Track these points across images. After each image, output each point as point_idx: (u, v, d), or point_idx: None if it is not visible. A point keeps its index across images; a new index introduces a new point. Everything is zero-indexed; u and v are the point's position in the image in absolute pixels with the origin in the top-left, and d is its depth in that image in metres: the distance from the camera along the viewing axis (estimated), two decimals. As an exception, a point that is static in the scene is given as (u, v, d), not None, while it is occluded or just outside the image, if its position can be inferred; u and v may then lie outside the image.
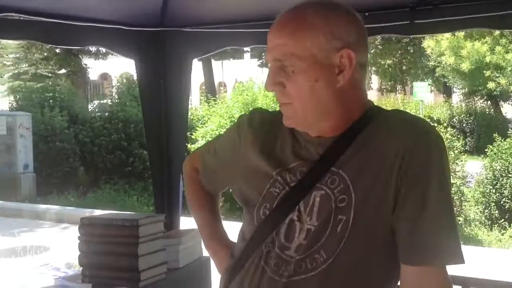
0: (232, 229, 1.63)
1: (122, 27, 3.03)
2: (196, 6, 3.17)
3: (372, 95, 27.65)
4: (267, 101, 8.08)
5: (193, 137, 8.83)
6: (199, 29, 3.28)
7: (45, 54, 21.77)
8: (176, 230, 2.74)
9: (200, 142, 8.25)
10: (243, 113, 1.63)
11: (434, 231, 1.24)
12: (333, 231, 1.27)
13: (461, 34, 14.75)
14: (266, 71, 23.59)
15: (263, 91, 8.42)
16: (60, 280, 2.48)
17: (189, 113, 8.93)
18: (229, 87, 29.80)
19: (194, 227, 2.83)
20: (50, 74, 21.81)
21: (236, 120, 1.58)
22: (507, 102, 23.46)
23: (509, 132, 12.15)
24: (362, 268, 1.28)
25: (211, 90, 19.88)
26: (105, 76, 30.48)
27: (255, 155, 1.42)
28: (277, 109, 1.54)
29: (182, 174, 1.77)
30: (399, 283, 1.33)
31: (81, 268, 2.22)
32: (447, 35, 14.78)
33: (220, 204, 1.72)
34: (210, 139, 8.23)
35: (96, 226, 2.16)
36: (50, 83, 16.41)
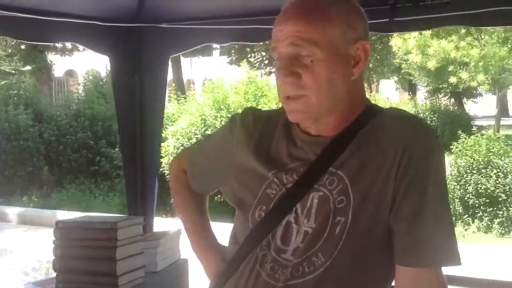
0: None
1: (97, 22, 2.94)
2: (173, 2, 3.10)
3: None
4: (239, 98, 8.02)
5: (163, 135, 8.71)
6: (176, 25, 3.21)
7: (9, 50, 21.25)
8: (153, 232, 2.67)
9: (171, 141, 8.15)
10: (235, 112, 1.56)
11: (431, 232, 1.21)
12: (331, 233, 1.23)
13: (428, 32, 14.94)
14: (235, 68, 23.57)
15: (234, 89, 8.37)
16: (30, 286, 2.38)
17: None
18: (197, 85, 29.61)
19: (169, 229, 2.79)
20: (14, 71, 21.30)
21: (229, 119, 1.52)
22: (470, 99, 23.97)
23: (473, 129, 12.43)
24: (359, 269, 1.25)
25: (180, 87, 19.71)
26: (70, 73, 29.92)
27: (249, 156, 1.37)
28: (256, 107, 1.49)
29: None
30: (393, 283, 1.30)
31: (55, 273, 2.13)
32: (414, 33, 14.96)
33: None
34: (180, 137, 8.13)
35: (72, 229, 2.07)
36: (14, 80, 16.01)
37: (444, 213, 1.24)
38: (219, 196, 1.82)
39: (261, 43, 3.47)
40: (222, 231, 1.61)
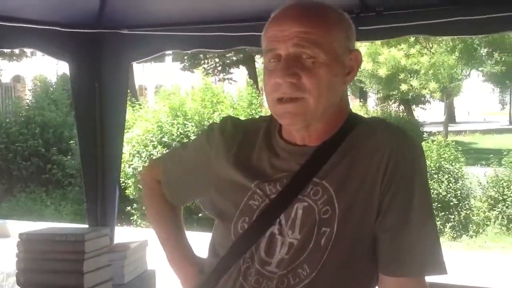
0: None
1: (56, 28, 2.86)
2: (136, 7, 3.05)
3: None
4: (196, 105, 7.95)
5: (117, 142, 8.51)
6: (138, 31, 3.16)
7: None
8: (119, 243, 2.60)
9: (126, 148, 7.99)
10: (212, 120, 1.52)
11: (417, 242, 1.21)
12: (317, 244, 1.22)
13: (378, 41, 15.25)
14: (188, 75, 23.40)
15: (191, 95, 8.29)
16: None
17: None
18: (150, 91, 29.26)
19: (129, 239, 2.73)
20: (-41, 77, 20.57)
21: (205, 128, 1.49)
22: (419, 106, 24.62)
23: (424, 136, 12.74)
24: (344, 278, 1.24)
25: (132, 93, 19.44)
26: (17, 79, 29.10)
27: (229, 167, 1.34)
28: (234, 116, 1.46)
29: (140, 184, 1.66)
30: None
31: (17, 286, 2.05)
32: (366, 42, 15.24)
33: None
34: (136, 144, 8.00)
35: (37, 242, 2.00)
36: (-41, 86, 15.47)
37: (429, 222, 1.25)
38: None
39: (218, 50, 3.45)
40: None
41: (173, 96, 8.28)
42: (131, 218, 8.29)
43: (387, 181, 1.22)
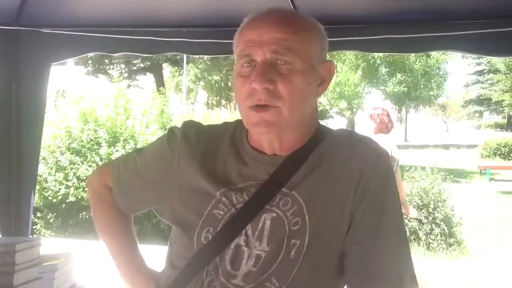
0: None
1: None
2: (60, 6, 2.90)
3: (199, 109, 28.05)
4: (108, 111, 7.67)
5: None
6: (60, 30, 3.01)
7: None
8: (46, 254, 2.43)
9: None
10: (174, 125, 1.44)
11: (386, 256, 1.20)
12: (286, 256, 1.17)
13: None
14: (93, 80, 22.69)
15: (103, 101, 7.98)
16: None
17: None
18: (49, 95, 28.07)
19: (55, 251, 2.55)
20: None
21: (164, 132, 1.41)
22: (324, 120, 25.45)
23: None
24: None
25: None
26: None
27: (193, 174, 1.27)
28: (196, 121, 1.40)
29: (86, 191, 1.56)
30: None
31: None
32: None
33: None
34: (42, 150, 7.60)
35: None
36: None
37: (400, 235, 1.24)
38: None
39: (147, 55, 3.37)
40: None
41: (82, 101, 7.94)
42: (34, 227, 7.83)
43: (359, 195, 1.20)
